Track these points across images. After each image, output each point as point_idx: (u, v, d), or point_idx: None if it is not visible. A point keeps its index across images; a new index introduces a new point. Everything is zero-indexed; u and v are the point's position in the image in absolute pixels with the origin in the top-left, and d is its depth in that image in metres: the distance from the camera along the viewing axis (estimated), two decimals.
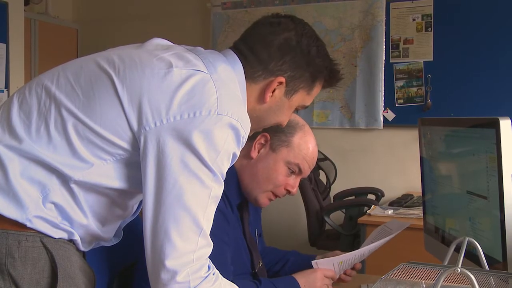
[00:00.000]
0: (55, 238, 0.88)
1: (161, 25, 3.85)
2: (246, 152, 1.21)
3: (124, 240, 1.08)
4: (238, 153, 0.91)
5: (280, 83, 0.98)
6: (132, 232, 1.12)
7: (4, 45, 3.21)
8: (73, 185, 0.87)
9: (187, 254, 0.85)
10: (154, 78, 0.87)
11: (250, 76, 0.98)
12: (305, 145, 1.22)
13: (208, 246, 0.89)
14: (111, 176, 0.88)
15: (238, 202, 1.24)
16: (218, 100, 0.86)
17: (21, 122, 0.88)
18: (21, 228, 0.85)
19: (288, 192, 1.24)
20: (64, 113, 0.87)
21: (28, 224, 0.85)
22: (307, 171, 1.23)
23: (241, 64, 0.97)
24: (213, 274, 0.90)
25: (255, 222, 1.37)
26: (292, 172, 1.22)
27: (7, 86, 3.24)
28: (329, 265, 1.25)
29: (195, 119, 0.84)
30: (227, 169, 0.89)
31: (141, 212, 1.08)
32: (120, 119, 0.86)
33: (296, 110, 1.07)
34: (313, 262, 1.26)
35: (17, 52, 3.30)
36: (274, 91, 0.99)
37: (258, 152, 1.22)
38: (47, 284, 0.87)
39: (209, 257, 1.11)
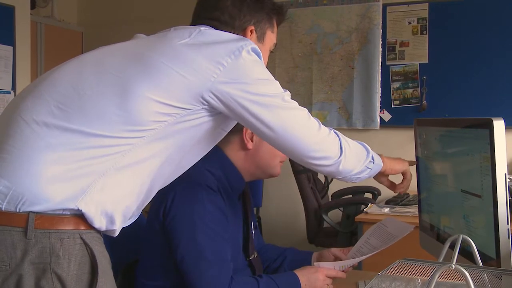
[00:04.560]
0: (96, 228, 0.91)
1: (163, 28, 3.86)
2: (240, 146, 1.25)
3: (127, 238, 1.10)
4: None
5: (251, 31, 1.12)
6: (135, 231, 1.14)
7: (11, 47, 3.24)
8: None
9: None
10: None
11: None
12: None
13: None
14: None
15: (239, 192, 1.29)
16: None
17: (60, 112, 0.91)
18: (62, 225, 0.87)
19: None
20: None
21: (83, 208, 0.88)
22: None
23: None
24: None
25: (251, 216, 1.40)
26: None
27: (13, 87, 3.27)
28: (330, 266, 1.26)
29: None
30: None
31: (144, 211, 1.10)
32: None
33: (271, 52, 1.20)
34: (316, 264, 1.27)
35: (23, 54, 3.33)
36: None
37: (252, 141, 1.26)
38: (87, 280, 0.89)
39: (210, 254, 1.14)
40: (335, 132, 1.10)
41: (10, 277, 0.84)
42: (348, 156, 1.08)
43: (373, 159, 1.15)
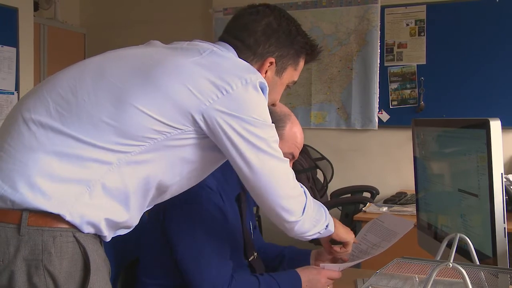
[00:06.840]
0: (84, 233, 0.90)
1: (164, 30, 3.87)
2: None
3: (127, 238, 1.10)
4: None
5: (271, 63, 1.07)
6: (135, 231, 1.14)
7: (14, 49, 3.26)
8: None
9: None
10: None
11: None
12: (294, 135, 1.28)
13: None
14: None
15: (236, 194, 1.28)
16: None
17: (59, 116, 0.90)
18: (55, 223, 0.87)
19: None
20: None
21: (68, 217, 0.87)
22: (297, 154, 1.31)
23: (235, 52, 1.04)
24: None
25: (250, 215, 1.40)
26: None
27: (17, 88, 3.29)
28: (335, 268, 1.27)
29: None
30: None
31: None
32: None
33: (287, 87, 1.15)
34: (321, 265, 1.27)
35: (26, 55, 3.35)
36: (266, 72, 1.07)
37: None
38: (79, 277, 0.89)
39: (210, 253, 1.14)
40: (305, 193, 1.08)
41: (3, 273, 0.85)
42: (307, 220, 1.07)
43: (327, 227, 1.15)
